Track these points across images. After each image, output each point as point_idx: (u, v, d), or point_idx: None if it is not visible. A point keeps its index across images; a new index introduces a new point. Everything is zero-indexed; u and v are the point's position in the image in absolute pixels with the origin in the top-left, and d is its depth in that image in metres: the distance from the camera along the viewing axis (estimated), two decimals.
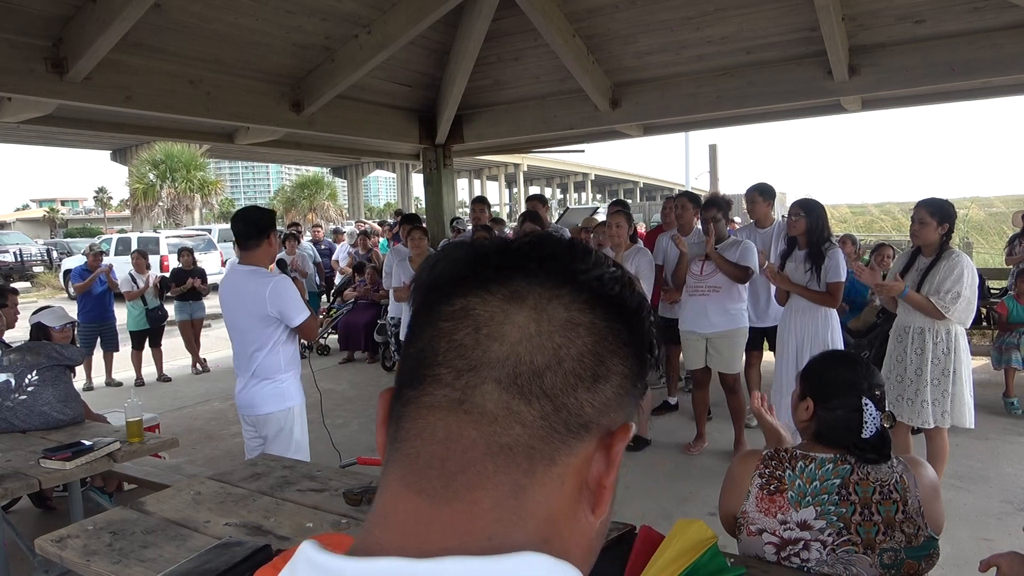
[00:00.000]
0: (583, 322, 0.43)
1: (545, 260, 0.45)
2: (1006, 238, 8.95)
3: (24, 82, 3.84)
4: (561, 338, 0.42)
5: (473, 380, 0.42)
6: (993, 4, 4.36)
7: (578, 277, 0.45)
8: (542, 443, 0.42)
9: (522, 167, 40.77)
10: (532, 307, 0.43)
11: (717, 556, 1.49)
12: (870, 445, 1.60)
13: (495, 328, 0.42)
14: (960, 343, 3.50)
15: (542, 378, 0.42)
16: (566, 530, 0.43)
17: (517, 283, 0.44)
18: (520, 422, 0.41)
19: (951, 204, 3.59)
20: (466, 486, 0.41)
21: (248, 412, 3.13)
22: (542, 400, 0.42)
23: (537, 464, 0.42)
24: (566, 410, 0.42)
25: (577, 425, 0.43)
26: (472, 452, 0.41)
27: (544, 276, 0.44)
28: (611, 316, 0.45)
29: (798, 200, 4.20)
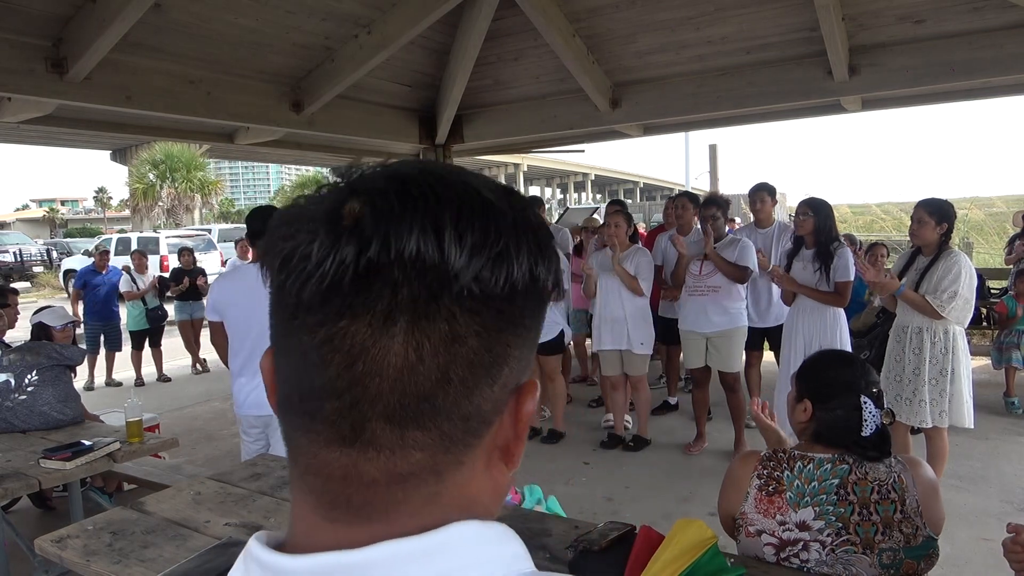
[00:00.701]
0: (469, 331, 0.39)
1: (412, 261, 0.37)
2: (1006, 238, 8.95)
3: (24, 82, 3.83)
4: (446, 356, 0.38)
5: (359, 418, 0.39)
6: (993, 4, 4.36)
7: (453, 283, 0.38)
8: (445, 455, 0.40)
9: (522, 167, 40.76)
10: (407, 330, 0.37)
11: (717, 556, 1.49)
12: (871, 443, 1.60)
13: (370, 363, 0.38)
14: (959, 343, 3.50)
15: (433, 401, 0.39)
16: (486, 494, 0.44)
17: (384, 300, 0.37)
18: (418, 448, 0.39)
19: (950, 204, 3.60)
20: (379, 512, 0.40)
21: (262, 411, 3.08)
22: (437, 420, 0.39)
23: (445, 472, 0.41)
24: (464, 419, 0.40)
25: (477, 424, 0.41)
26: (375, 487, 0.40)
27: (414, 283, 0.37)
28: (504, 305, 0.40)
29: (806, 199, 4.20)
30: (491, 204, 0.40)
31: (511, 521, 1.78)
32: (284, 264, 0.40)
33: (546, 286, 0.43)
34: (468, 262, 0.38)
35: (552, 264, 0.43)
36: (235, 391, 3.15)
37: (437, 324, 0.38)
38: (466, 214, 0.39)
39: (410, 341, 0.38)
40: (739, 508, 1.63)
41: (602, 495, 4.10)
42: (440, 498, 0.41)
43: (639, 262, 4.64)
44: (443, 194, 0.39)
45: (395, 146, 7.67)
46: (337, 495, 0.40)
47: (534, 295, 0.42)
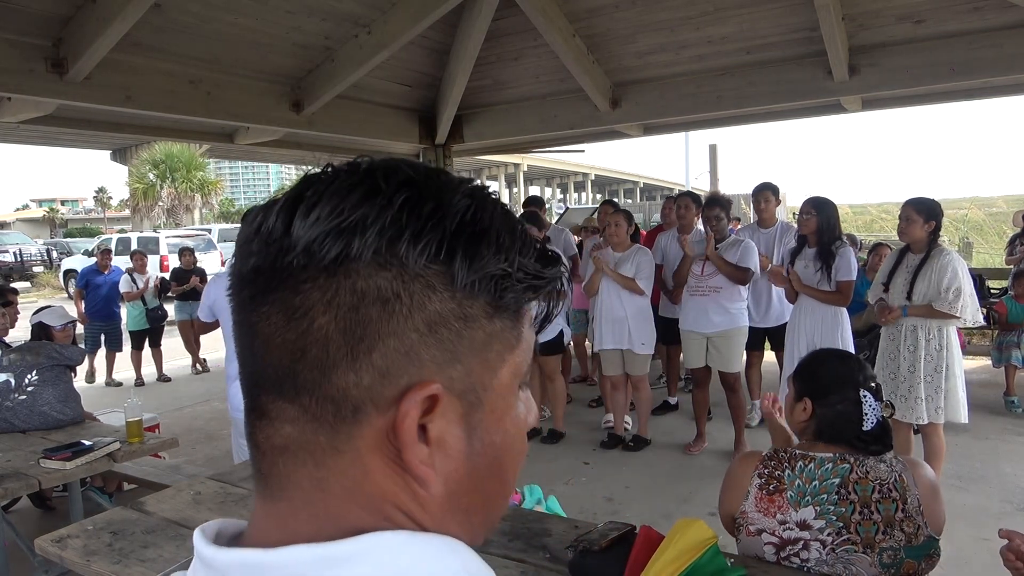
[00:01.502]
0: (313, 304, 0.39)
1: (267, 240, 0.40)
2: (1006, 238, 8.95)
3: (24, 82, 3.83)
4: (293, 332, 0.39)
5: (255, 388, 0.43)
6: (993, 4, 4.36)
7: (288, 255, 0.39)
8: (316, 435, 0.41)
9: (522, 167, 40.75)
10: (262, 305, 0.40)
11: (717, 556, 1.49)
12: (872, 436, 1.61)
13: (250, 338, 0.42)
14: (952, 339, 3.54)
15: (294, 375, 0.40)
16: (403, 502, 0.42)
17: (249, 283, 0.41)
18: (287, 421, 0.41)
19: (937, 203, 3.64)
20: (277, 487, 0.42)
21: None
22: (301, 396, 0.40)
23: (322, 457, 0.41)
24: (328, 400, 0.40)
25: (348, 411, 0.40)
26: (268, 456, 0.42)
27: (262, 265, 0.40)
28: (357, 274, 0.39)
29: (810, 198, 4.20)
30: (377, 188, 0.40)
31: (511, 521, 1.77)
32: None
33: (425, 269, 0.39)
34: (304, 233, 0.39)
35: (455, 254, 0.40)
36: (232, 394, 3.14)
37: (285, 296, 0.39)
38: (333, 192, 0.40)
39: (271, 314, 0.40)
40: (739, 507, 1.63)
41: (602, 495, 4.10)
42: (328, 486, 0.41)
43: (640, 261, 4.64)
44: (347, 180, 0.41)
45: (395, 146, 7.67)
46: (253, 462, 0.44)
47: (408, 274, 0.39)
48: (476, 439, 0.43)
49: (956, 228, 18.27)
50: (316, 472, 0.41)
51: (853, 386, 1.64)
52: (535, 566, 1.69)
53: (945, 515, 1.60)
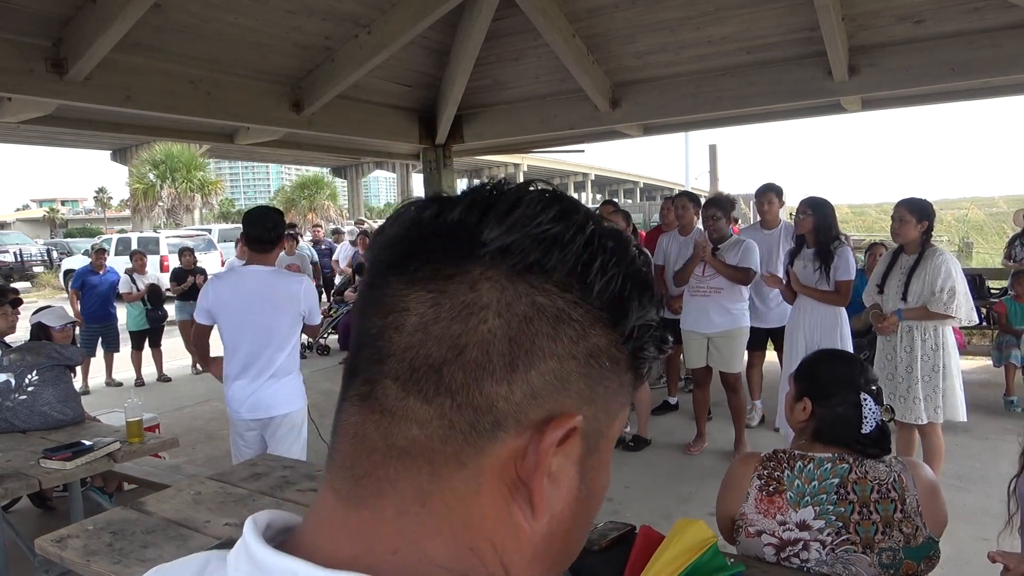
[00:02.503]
0: (491, 303, 0.37)
1: (451, 228, 0.39)
2: (1006, 238, 8.95)
3: (24, 82, 3.83)
4: (460, 325, 0.37)
5: (376, 374, 0.39)
6: (993, 4, 4.36)
7: (478, 250, 0.38)
8: (443, 444, 0.38)
9: (522, 167, 40.77)
10: (431, 290, 0.38)
11: (717, 556, 1.49)
12: (871, 440, 1.61)
13: (397, 316, 0.38)
14: (948, 338, 3.55)
15: (440, 373, 0.37)
16: (500, 535, 0.39)
17: (417, 262, 0.39)
18: (417, 422, 0.38)
19: (929, 203, 3.66)
20: (372, 492, 0.39)
21: (261, 414, 3.07)
22: (441, 397, 0.37)
23: (441, 468, 0.38)
24: (470, 407, 0.37)
25: (488, 423, 0.38)
26: (375, 455, 0.39)
27: (446, 250, 0.38)
28: (536, 288, 0.38)
29: (806, 198, 4.21)
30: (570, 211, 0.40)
31: None
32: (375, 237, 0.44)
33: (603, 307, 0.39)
34: (501, 232, 0.38)
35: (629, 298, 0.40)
36: (231, 394, 3.11)
37: (458, 289, 0.37)
38: (530, 201, 0.40)
39: (430, 300, 0.38)
40: (739, 509, 1.63)
41: None
42: (431, 502, 0.38)
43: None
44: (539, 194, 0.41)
45: (395, 146, 7.68)
46: (345, 458, 0.40)
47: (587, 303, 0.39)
48: (584, 483, 0.41)
49: (956, 228, 18.26)
50: (427, 484, 0.38)
51: (854, 389, 1.63)
52: None
53: (947, 516, 1.60)
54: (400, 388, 0.38)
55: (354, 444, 0.40)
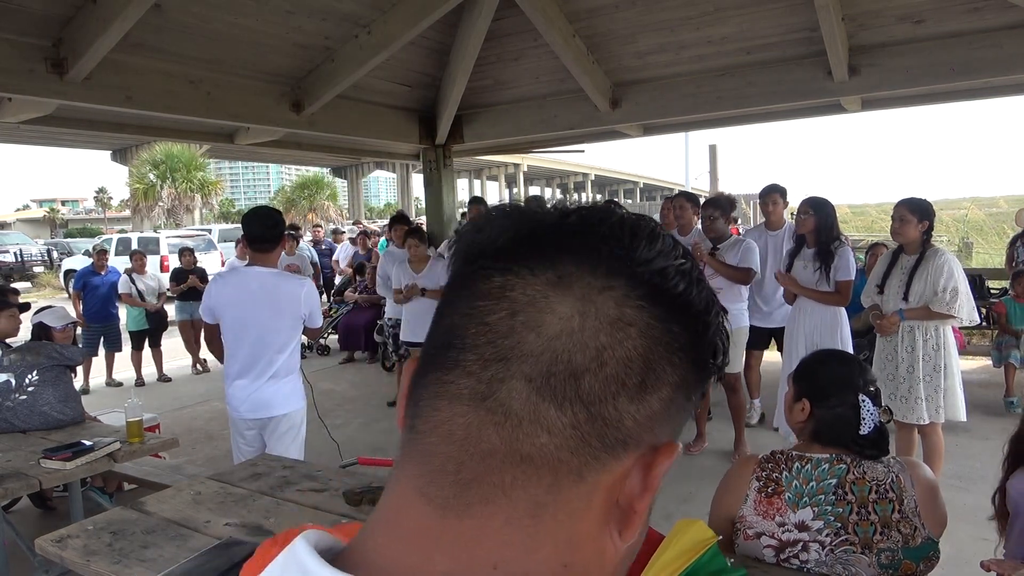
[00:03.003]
0: (636, 322, 0.38)
1: (601, 241, 0.39)
2: (1007, 238, 8.95)
3: (24, 82, 3.84)
4: (607, 338, 0.37)
5: (501, 373, 0.36)
6: (993, 4, 4.36)
7: (637, 268, 0.38)
8: (570, 456, 0.37)
9: (522, 167, 40.76)
10: (579, 297, 0.37)
11: (717, 556, 1.49)
12: (869, 441, 1.60)
13: (533, 315, 0.37)
14: (948, 338, 3.56)
15: (579, 381, 0.36)
16: (589, 553, 0.38)
17: (565, 266, 0.38)
18: (547, 429, 0.36)
19: (930, 203, 3.65)
20: (480, 499, 0.36)
21: (262, 414, 3.07)
22: (576, 406, 0.36)
23: (562, 479, 0.37)
24: (603, 421, 0.37)
25: (614, 439, 0.37)
26: (491, 460, 0.36)
27: (597, 261, 0.38)
28: (670, 317, 0.39)
29: (807, 198, 4.21)
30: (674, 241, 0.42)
31: None
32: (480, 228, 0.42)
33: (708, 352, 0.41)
34: (654, 257, 0.39)
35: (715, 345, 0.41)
36: (232, 394, 3.11)
37: (607, 304, 0.37)
38: (663, 234, 0.41)
39: (578, 308, 0.37)
40: (738, 511, 1.62)
41: None
42: (543, 515, 0.37)
43: None
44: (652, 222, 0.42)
45: (395, 146, 7.68)
46: (447, 462, 0.37)
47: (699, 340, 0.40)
48: (649, 511, 0.42)
49: (956, 228, 18.27)
50: (544, 495, 0.37)
51: (852, 390, 1.63)
52: None
53: (946, 516, 1.60)
54: (533, 391, 0.36)
55: (463, 447, 0.37)
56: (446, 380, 0.38)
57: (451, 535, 0.36)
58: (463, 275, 0.41)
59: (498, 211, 0.42)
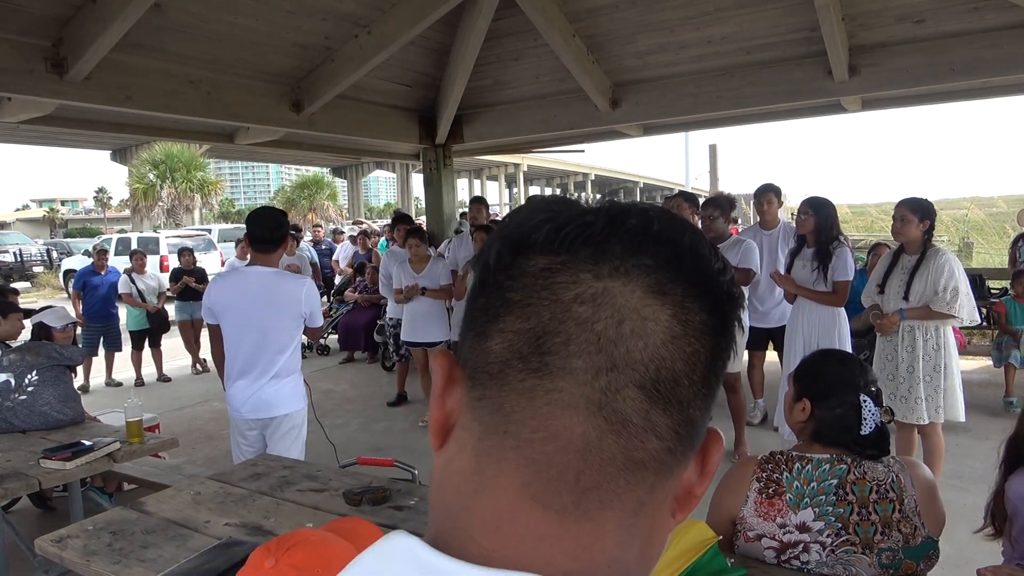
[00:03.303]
0: (713, 328, 0.39)
1: (686, 250, 0.40)
2: (1007, 238, 8.95)
3: (24, 82, 3.84)
4: (699, 344, 0.38)
5: (615, 382, 0.37)
6: (993, 4, 4.36)
7: (716, 277, 0.40)
8: (670, 456, 0.39)
9: (522, 167, 40.75)
10: (677, 304, 0.38)
11: (718, 556, 1.49)
12: (870, 441, 1.60)
13: (639, 324, 0.37)
14: (948, 338, 3.56)
15: (679, 386, 0.38)
16: (660, 538, 0.41)
17: (660, 273, 0.38)
18: (656, 434, 0.38)
19: (931, 202, 3.65)
20: (597, 504, 0.37)
21: (263, 414, 3.06)
22: (674, 409, 0.38)
23: (660, 479, 0.39)
24: (691, 422, 0.39)
25: (695, 437, 0.40)
26: (610, 467, 0.37)
27: (686, 269, 0.39)
28: (730, 323, 0.41)
29: (807, 198, 4.22)
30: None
31: None
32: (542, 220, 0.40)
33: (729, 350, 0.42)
34: (723, 268, 0.41)
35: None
36: (232, 394, 3.10)
37: (696, 312, 0.39)
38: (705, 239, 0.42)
39: (678, 316, 0.38)
40: (738, 512, 1.62)
41: None
42: (641, 513, 0.39)
43: None
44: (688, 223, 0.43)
45: (395, 146, 7.69)
46: (566, 469, 0.37)
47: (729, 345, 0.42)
48: None
49: (956, 228, 18.28)
50: (645, 495, 0.39)
51: (853, 390, 1.63)
52: None
53: (945, 516, 1.60)
54: (645, 398, 0.37)
55: (583, 456, 0.37)
56: (553, 388, 0.37)
57: (571, 539, 0.37)
58: (532, 272, 0.39)
59: (558, 203, 0.42)
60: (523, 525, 0.38)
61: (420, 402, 5.87)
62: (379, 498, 2.10)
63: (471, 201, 6.89)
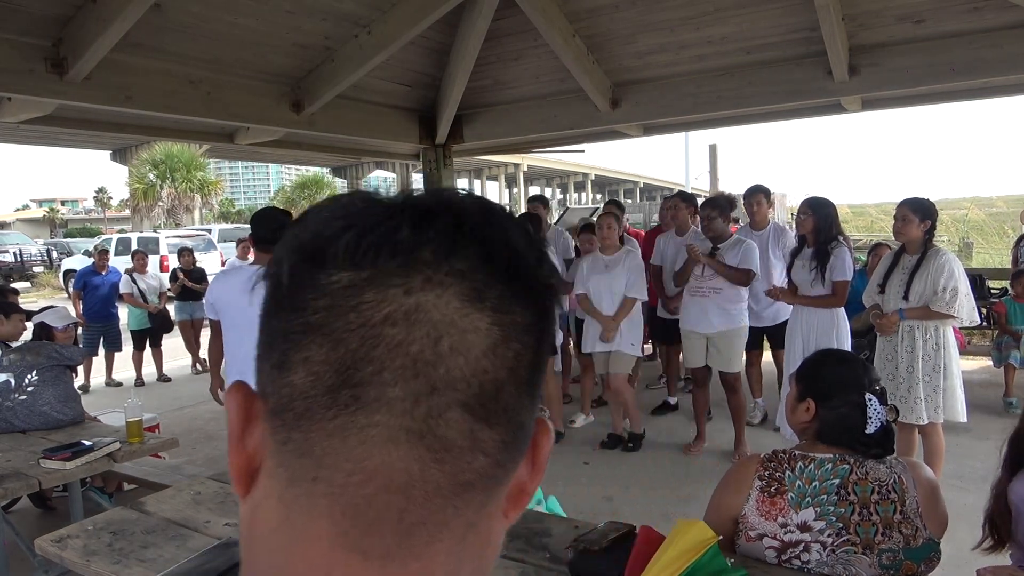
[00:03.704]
0: (532, 323, 0.37)
1: (500, 247, 0.36)
2: (1006, 238, 8.94)
3: (24, 82, 3.83)
4: (521, 344, 0.36)
5: (436, 407, 0.33)
6: (993, 4, 4.36)
7: (534, 272, 0.37)
8: (500, 470, 0.36)
9: (522, 167, 40.74)
10: (495, 308, 0.35)
11: (717, 556, 1.49)
12: (875, 440, 1.60)
13: (458, 339, 0.34)
14: (948, 338, 3.56)
15: (501, 394, 0.35)
16: (494, 544, 0.39)
17: (476, 277, 0.35)
18: (483, 451, 0.35)
19: (932, 203, 3.65)
20: (425, 539, 0.34)
21: None
22: (500, 419, 0.35)
23: (490, 494, 0.36)
24: (518, 426, 0.36)
25: (525, 439, 0.38)
26: (436, 498, 0.34)
27: (501, 268, 0.36)
28: (550, 314, 0.39)
29: (807, 199, 4.24)
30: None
31: None
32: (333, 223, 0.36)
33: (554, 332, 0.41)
34: (541, 259, 0.38)
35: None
36: None
37: (517, 310, 0.36)
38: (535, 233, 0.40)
39: (497, 320, 0.35)
40: (740, 511, 1.62)
41: (602, 495, 4.10)
42: (472, 534, 0.36)
43: (630, 264, 4.66)
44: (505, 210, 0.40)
45: (395, 146, 7.68)
46: (387, 510, 0.34)
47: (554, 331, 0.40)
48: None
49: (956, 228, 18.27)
50: (474, 515, 0.36)
51: (858, 390, 1.63)
52: (535, 566, 1.69)
53: (947, 518, 1.60)
54: (470, 417, 0.34)
55: (406, 492, 0.34)
56: (368, 423, 0.33)
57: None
58: (335, 291, 0.34)
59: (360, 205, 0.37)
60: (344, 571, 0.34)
61: None
62: None
63: None
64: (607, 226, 4.70)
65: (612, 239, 4.70)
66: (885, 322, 3.62)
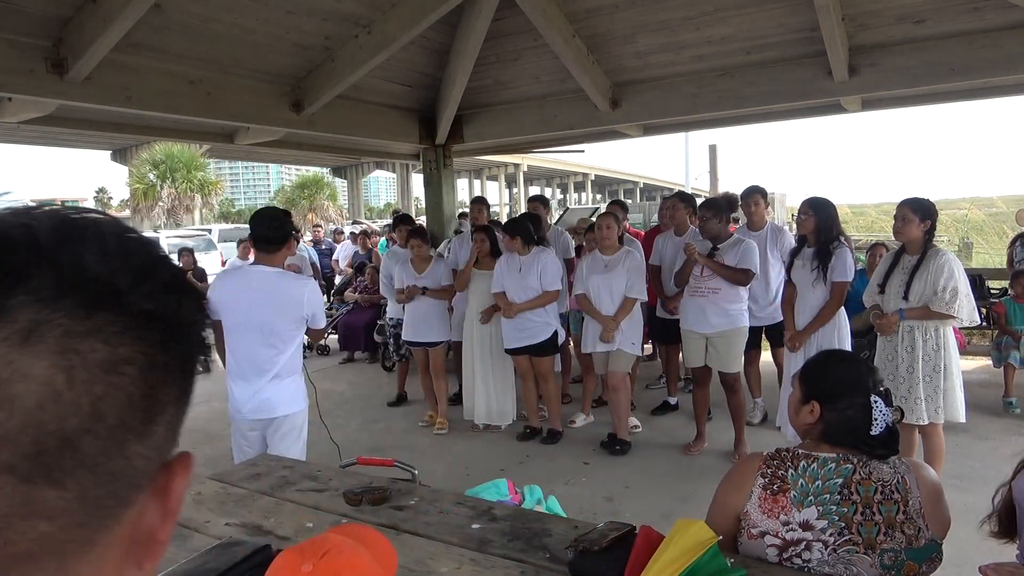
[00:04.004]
0: (134, 358, 0.33)
1: (72, 271, 0.32)
2: (1006, 238, 8.95)
3: (24, 82, 3.84)
4: (103, 386, 0.31)
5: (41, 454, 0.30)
6: (993, 4, 4.36)
7: (123, 297, 0.33)
8: (80, 530, 0.32)
9: (522, 167, 40.77)
10: (57, 350, 0.30)
11: (717, 556, 1.49)
12: (880, 441, 1.60)
13: (3, 390, 0.29)
14: (949, 339, 3.56)
15: (77, 446, 0.31)
16: None
17: (28, 310, 0.30)
18: (46, 516, 0.30)
19: (932, 203, 3.65)
20: None
21: (264, 415, 3.06)
22: (78, 474, 0.31)
23: (70, 558, 0.32)
24: (112, 476, 0.32)
25: (127, 487, 0.33)
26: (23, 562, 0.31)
27: (75, 296, 0.31)
28: (168, 338, 0.34)
29: (808, 199, 4.23)
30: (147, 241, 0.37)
31: (511, 521, 1.76)
32: None
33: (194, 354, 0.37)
34: (138, 279, 0.34)
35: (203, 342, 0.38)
36: (234, 395, 3.11)
37: (96, 347, 0.31)
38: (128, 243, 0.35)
39: (60, 364, 0.30)
40: (742, 508, 1.62)
41: (602, 495, 4.10)
42: None
43: (629, 265, 4.66)
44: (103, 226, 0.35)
45: (395, 146, 7.68)
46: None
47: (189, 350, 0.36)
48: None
49: (956, 228, 18.29)
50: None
51: (863, 391, 1.62)
52: (535, 566, 1.69)
53: (950, 519, 1.59)
54: (20, 480, 0.30)
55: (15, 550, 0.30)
56: None
57: None
58: None
59: None
60: None
61: (420, 402, 5.87)
62: (379, 498, 2.10)
63: (472, 201, 6.89)
64: (606, 226, 4.70)
65: (611, 239, 4.70)
66: (885, 322, 3.62)
